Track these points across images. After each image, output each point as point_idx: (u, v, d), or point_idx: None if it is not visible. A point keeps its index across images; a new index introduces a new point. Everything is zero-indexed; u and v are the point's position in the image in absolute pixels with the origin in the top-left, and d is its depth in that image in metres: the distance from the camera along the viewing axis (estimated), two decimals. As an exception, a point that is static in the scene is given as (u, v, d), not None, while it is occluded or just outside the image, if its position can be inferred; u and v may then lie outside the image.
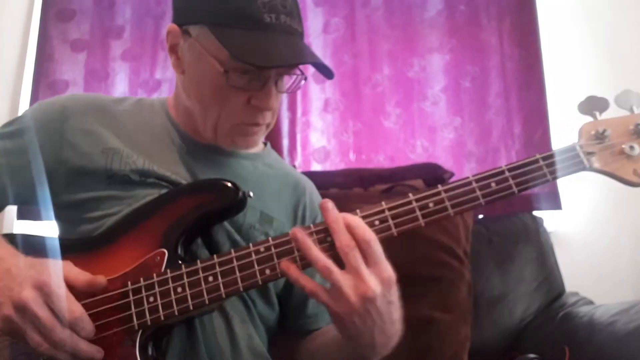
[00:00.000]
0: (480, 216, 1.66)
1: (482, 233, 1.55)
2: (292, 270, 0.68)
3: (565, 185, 1.74)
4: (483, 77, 1.85)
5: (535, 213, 1.66)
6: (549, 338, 1.39)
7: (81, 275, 0.71)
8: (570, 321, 1.37)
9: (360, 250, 0.65)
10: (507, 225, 1.59)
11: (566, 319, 1.40)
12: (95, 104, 0.91)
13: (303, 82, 0.85)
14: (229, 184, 0.79)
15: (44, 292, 0.66)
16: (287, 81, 0.85)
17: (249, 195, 0.79)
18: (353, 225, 0.66)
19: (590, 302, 1.51)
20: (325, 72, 0.81)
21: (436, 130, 1.83)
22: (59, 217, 0.88)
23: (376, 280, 0.65)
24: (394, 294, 0.67)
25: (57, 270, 0.68)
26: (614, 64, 1.80)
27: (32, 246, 0.76)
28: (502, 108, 1.82)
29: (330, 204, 0.68)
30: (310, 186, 1.01)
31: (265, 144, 1.01)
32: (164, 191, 0.83)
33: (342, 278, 0.64)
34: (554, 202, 1.74)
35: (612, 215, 1.71)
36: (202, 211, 0.78)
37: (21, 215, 1.72)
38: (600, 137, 0.72)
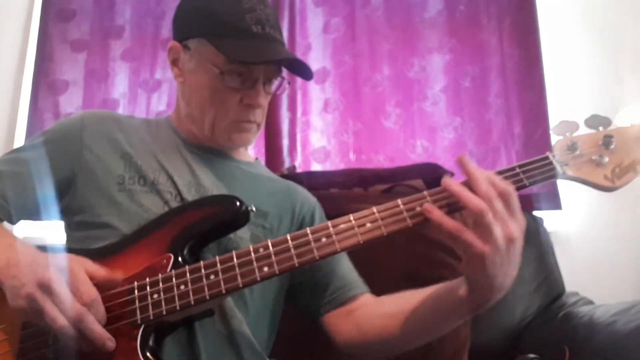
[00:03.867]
0: (481, 216, 1.66)
1: (482, 233, 1.55)
2: (436, 211, 0.71)
3: (565, 185, 1.74)
4: (483, 77, 1.85)
5: (535, 213, 1.66)
6: (549, 338, 1.39)
7: (101, 270, 0.75)
8: (570, 321, 1.37)
9: (501, 201, 0.69)
10: (507, 225, 1.59)
11: (566, 319, 1.39)
12: (110, 115, 1.02)
13: (287, 85, 0.99)
14: (233, 199, 0.84)
15: (65, 273, 0.71)
16: (275, 85, 0.97)
17: (252, 210, 0.84)
18: (494, 178, 0.71)
19: (590, 302, 1.50)
20: (304, 71, 0.94)
21: (436, 130, 1.83)
22: (69, 226, 0.93)
23: (517, 225, 0.69)
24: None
25: (76, 259, 0.74)
26: (614, 63, 1.80)
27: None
28: (502, 108, 1.82)
29: (467, 157, 0.71)
30: (300, 187, 1.09)
31: (256, 158, 1.11)
32: (168, 197, 0.90)
33: (492, 218, 0.67)
34: (554, 202, 1.74)
35: (612, 215, 1.71)
36: (208, 223, 0.84)
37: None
38: (571, 148, 0.79)
